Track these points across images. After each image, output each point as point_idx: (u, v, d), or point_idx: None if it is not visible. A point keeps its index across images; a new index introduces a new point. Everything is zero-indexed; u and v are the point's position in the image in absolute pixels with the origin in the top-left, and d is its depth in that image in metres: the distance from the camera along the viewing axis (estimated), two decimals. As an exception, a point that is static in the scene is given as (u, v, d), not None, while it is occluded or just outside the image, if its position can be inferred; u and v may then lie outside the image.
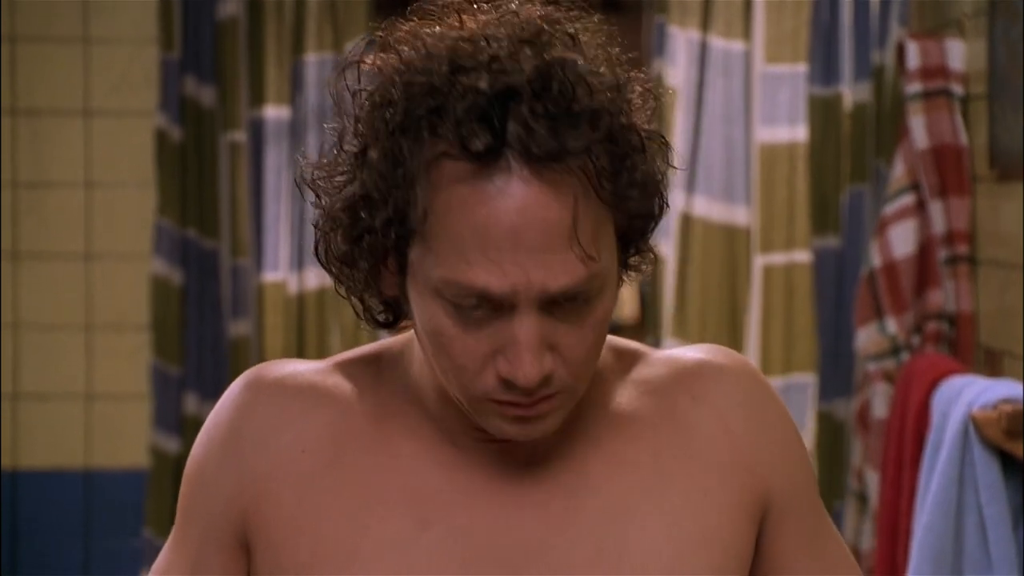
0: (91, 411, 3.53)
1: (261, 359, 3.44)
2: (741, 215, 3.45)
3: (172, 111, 3.42)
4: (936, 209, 2.92)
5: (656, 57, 3.46)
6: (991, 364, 2.81)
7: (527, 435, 1.13)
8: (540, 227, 1.06)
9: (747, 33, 3.43)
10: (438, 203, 1.07)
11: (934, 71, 2.96)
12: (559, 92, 1.06)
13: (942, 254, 2.92)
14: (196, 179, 3.44)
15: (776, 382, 3.43)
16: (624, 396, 1.22)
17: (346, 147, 1.11)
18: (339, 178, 1.12)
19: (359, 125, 1.10)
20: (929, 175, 2.93)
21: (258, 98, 3.45)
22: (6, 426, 3.52)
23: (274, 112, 3.44)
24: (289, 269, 3.44)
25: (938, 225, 2.92)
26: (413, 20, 1.12)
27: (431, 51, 1.08)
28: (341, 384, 1.21)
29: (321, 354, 3.44)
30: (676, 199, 3.46)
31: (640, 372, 1.23)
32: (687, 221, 3.46)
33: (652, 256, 1.19)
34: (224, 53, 3.42)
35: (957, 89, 2.96)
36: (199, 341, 3.45)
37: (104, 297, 3.53)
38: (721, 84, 3.44)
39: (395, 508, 1.16)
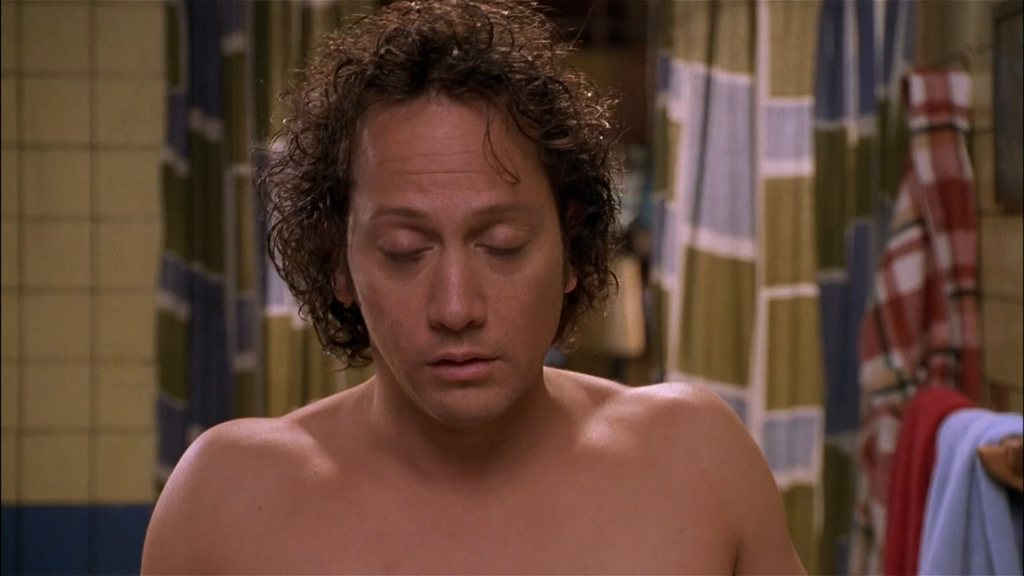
0: (96, 445, 3.53)
1: (266, 392, 3.44)
2: (746, 248, 3.45)
3: (178, 145, 3.43)
4: (941, 243, 2.92)
5: (661, 91, 3.47)
6: (997, 398, 2.80)
7: (470, 408, 1.11)
8: (458, 146, 1.09)
9: (752, 67, 3.44)
10: (364, 138, 1.12)
11: (939, 105, 2.96)
12: (481, 40, 1.11)
13: (948, 288, 2.92)
14: (202, 213, 3.44)
15: (782, 416, 3.43)
16: (596, 432, 1.21)
17: (294, 133, 1.17)
18: (288, 169, 1.17)
19: (307, 106, 1.16)
20: (934, 209, 2.93)
21: (264, 132, 3.45)
22: (11, 460, 3.52)
23: (280, 146, 3.44)
24: (294, 303, 3.44)
25: (944, 259, 2.92)
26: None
27: (369, 29, 1.14)
28: (298, 439, 1.21)
29: (326, 388, 3.44)
30: (681, 232, 3.46)
31: (614, 410, 1.23)
32: (692, 254, 3.46)
33: (613, 278, 1.19)
34: (230, 87, 3.43)
35: (962, 123, 2.96)
36: (204, 375, 3.45)
37: (110, 331, 3.53)
38: (726, 118, 3.45)
39: (361, 553, 1.15)
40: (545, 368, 1.23)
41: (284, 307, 3.44)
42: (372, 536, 1.16)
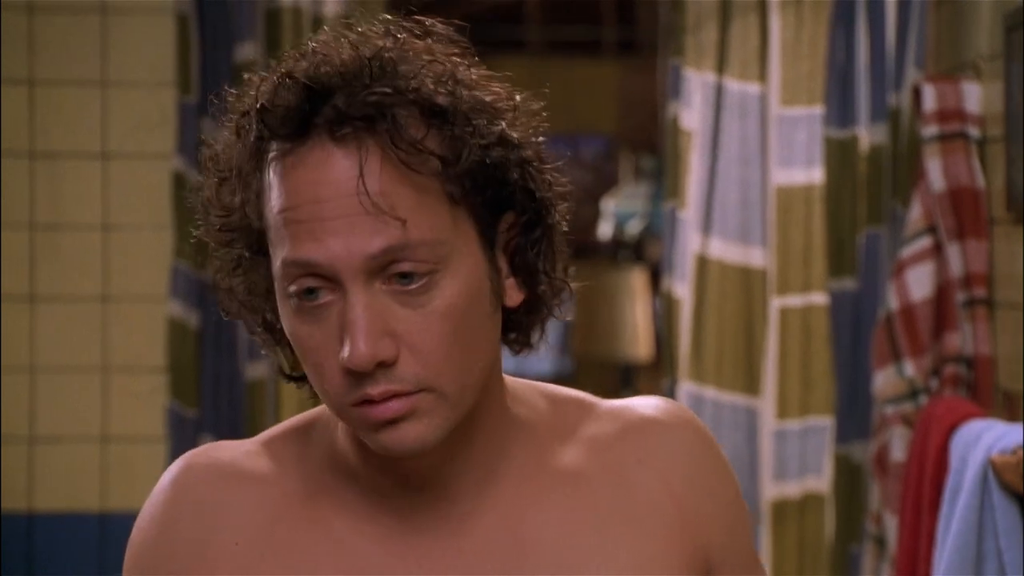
0: (107, 453, 3.53)
1: (277, 401, 3.44)
2: (757, 257, 3.44)
3: (189, 154, 3.44)
4: (953, 252, 2.91)
5: (672, 100, 3.47)
6: (1010, 407, 2.80)
7: (399, 443, 1.10)
8: (345, 190, 1.07)
9: (763, 75, 3.44)
10: (266, 187, 1.11)
11: (950, 113, 2.96)
12: (364, 77, 1.09)
13: (960, 297, 2.91)
14: (213, 222, 3.44)
15: (793, 425, 3.42)
16: (567, 454, 1.20)
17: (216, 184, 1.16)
18: (212, 219, 1.16)
19: (218, 156, 1.15)
20: (946, 218, 2.93)
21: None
22: (22, 469, 3.52)
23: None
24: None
25: (955, 268, 2.91)
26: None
27: (269, 73, 1.13)
28: (269, 465, 1.20)
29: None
30: (692, 240, 3.46)
31: (586, 428, 1.21)
32: (703, 263, 3.45)
33: (564, 283, 1.17)
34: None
35: (974, 131, 2.96)
36: (215, 383, 3.45)
37: (121, 339, 3.53)
38: (737, 126, 3.44)
39: None
40: (513, 381, 1.21)
41: (295, 316, 3.44)
42: (345, 571, 1.15)
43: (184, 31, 3.45)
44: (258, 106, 1.10)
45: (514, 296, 1.16)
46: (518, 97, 1.15)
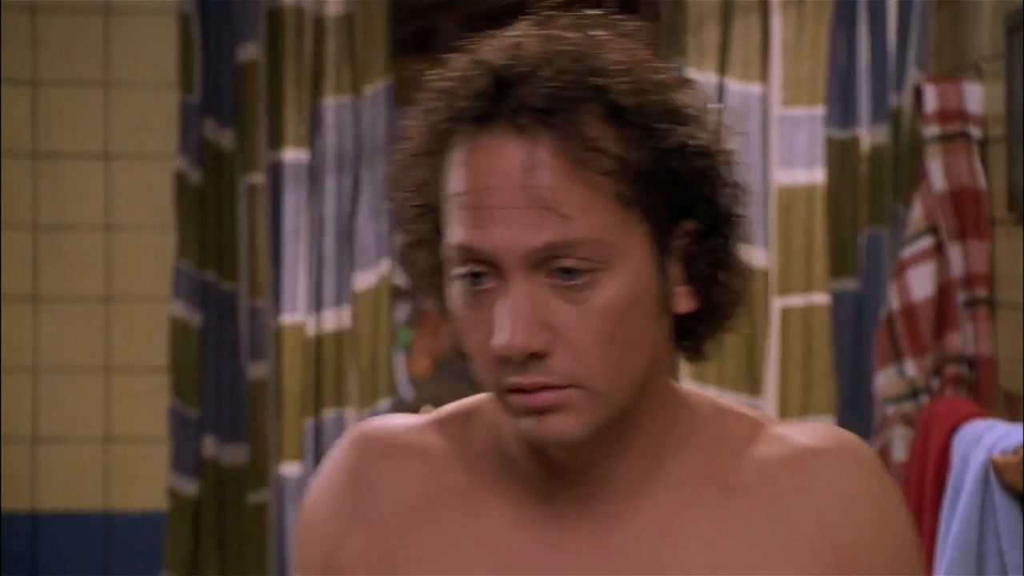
0: (110, 453, 3.54)
1: (279, 401, 3.44)
2: (759, 257, 3.45)
3: (192, 154, 3.44)
4: (955, 252, 2.92)
5: (673, 100, 3.47)
6: (1011, 407, 2.80)
7: (546, 434, 1.11)
8: (517, 181, 1.08)
9: (764, 76, 3.44)
10: (445, 171, 1.12)
11: (952, 114, 2.96)
12: (552, 71, 1.09)
13: (961, 297, 2.92)
14: (215, 222, 3.45)
15: (795, 424, 3.42)
16: (730, 467, 1.18)
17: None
18: (403, 193, 1.18)
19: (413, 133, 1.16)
20: (948, 218, 2.93)
21: (277, 141, 3.46)
22: (26, 469, 3.52)
23: (293, 155, 3.45)
24: (307, 311, 3.44)
25: (957, 268, 2.92)
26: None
27: (471, 57, 1.14)
28: (436, 442, 1.22)
29: (339, 396, 3.45)
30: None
31: (753, 447, 1.19)
32: (705, 263, 3.46)
33: (735, 295, 1.16)
34: (243, 96, 3.44)
35: (975, 132, 2.96)
36: (217, 383, 3.45)
37: (123, 339, 3.53)
38: (739, 127, 3.44)
39: (482, 572, 1.16)
40: (686, 390, 1.21)
41: (297, 315, 3.44)
42: (494, 555, 1.16)
43: (186, 31, 3.45)
44: (448, 89, 1.12)
45: (684, 303, 1.15)
46: (710, 106, 1.15)
